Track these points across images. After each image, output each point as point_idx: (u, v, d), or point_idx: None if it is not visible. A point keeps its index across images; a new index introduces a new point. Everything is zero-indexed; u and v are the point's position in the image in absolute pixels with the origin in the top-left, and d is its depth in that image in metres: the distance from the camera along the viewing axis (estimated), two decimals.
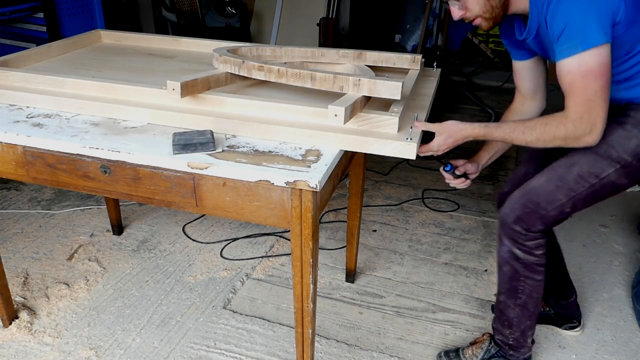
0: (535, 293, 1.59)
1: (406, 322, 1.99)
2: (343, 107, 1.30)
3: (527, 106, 1.67)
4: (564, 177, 1.46)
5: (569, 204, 1.48)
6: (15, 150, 1.44)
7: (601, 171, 1.42)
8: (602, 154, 1.42)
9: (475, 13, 1.39)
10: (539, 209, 1.48)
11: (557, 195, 1.47)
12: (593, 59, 1.24)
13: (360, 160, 1.91)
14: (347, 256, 2.16)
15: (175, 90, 1.38)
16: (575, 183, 1.45)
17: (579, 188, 1.45)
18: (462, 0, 1.38)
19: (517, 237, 1.52)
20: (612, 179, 1.43)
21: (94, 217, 2.64)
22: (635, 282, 2.13)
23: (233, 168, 1.24)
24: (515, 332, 1.65)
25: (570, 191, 1.46)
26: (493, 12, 1.38)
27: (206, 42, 2.07)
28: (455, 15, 1.42)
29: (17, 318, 1.94)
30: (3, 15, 2.94)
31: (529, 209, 1.49)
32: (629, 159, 1.40)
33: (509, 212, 1.53)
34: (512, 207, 1.52)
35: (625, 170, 1.41)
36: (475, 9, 1.38)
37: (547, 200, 1.47)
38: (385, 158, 3.18)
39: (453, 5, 1.40)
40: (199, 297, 2.09)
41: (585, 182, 1.44)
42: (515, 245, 1.53)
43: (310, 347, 1.50)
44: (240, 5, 4.57)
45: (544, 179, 1.50)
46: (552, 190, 1.47)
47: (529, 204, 1.49)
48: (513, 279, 1.58)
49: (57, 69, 1.81)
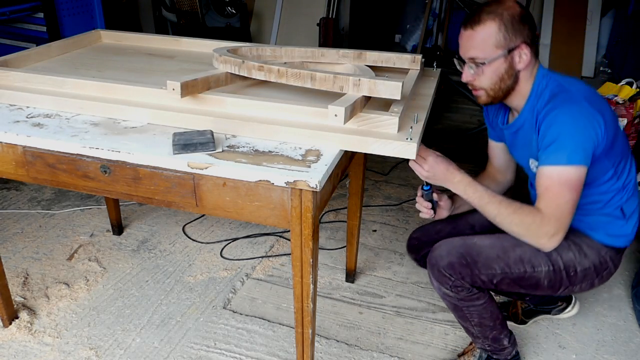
0: (486, 312, 1.56)
1: (406, 322, 1.99)
2: (343, 107, 1.30)
3: (498, 180, 1.75)
4: (507, 251, 1.49)
5: (498, 278, 1.48)
6: (15, 150, 1.44)
7: (538, 264, 1.48)
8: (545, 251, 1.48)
9: (483, 85, 1.43)
10: (473, 267, 1.47)
11: (493, 264, 1.48)
12: (573, 174, 1.32)
13: (360, 160, 1.91)
14: (347, 256, 2.16)
15: (176, 90, 1.38)
16: (514, 263, 1.48)
17: (514, 269, 1.48)
18: (480, 69, 1.39)
19: (445, 280, 1.49)
20: (539, 276, 1.49)
21: (94, 217, 2.64)
22: (635, 282, 2.13)
23: (233, 168, 1.24)
24: (487, 341, 1.65)
25: (506, 267, 1.48)
26: (496, 93, 1.43)
27: (206, 42, 2.07)
28: (465, 77, 1.44)
29: (17, 318, 1.94)
30: (3, 15, 2.94)
31: (465, 262, 1.47)
32: (560, 267, 1.48)
33: (443, 256, 1.49)
34: (449, 252, 1.49)
35: (553, 274, 1.48)
36: (485, 83, 1.42)
37: (483, 264, 1.47)
38: (385, 158, 3.17)
39: (469, 68, 1.41)
40: (199, 297, 2.09)
41: (521, 266, 1.48)
42: (443, 286, 1.50)
43: (310, 347, 1.50)
44: (240, 5, 4.57)
45: (488, 242, 1.52)
46: (492, 258, 1.48)
47: (467, 258, 1.47)
48: (456, 309, 1.56)
49: (57, 69, 1.81)
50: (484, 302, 1.54)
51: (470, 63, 1.40)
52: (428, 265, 1.54)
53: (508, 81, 1.40)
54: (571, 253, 1.49)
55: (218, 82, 1.53)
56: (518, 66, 1.38)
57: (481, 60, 1.37)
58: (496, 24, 1.34)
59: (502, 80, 1.40)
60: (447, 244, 1.53)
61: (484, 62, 1.37)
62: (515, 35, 1.35)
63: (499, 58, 1.36)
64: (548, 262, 1.47)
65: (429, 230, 1.72)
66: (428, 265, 1.54)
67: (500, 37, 1.34)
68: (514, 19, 1.34)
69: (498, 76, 1.39)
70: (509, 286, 1.51)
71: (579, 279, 1.50)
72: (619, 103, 2.92)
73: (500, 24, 1.34)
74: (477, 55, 1.37)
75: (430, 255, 1.53)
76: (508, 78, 1.40)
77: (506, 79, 1.40)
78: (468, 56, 1.40)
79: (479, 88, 1.43)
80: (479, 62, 1.38)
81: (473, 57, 1.39)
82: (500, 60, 1.37)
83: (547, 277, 1.48)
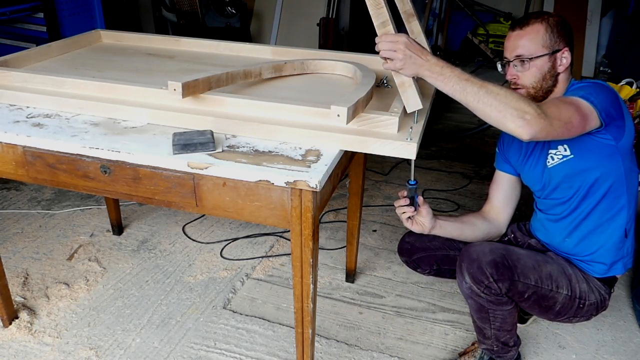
0: (510, 317, 1.56)
1: (406, 322, 1.99)
2: (345, 107, 1.29)
3: (490, 219, 1.72)
4: (540, 264, 1.52)
5: (530, 291, 1.49)
6: (15, 150, 1.44)
7: (561, 285, 1.52)
8: (567, 274, 1.54)
9: (525, 83, 1.48)
10: (513, 271, 1.46)
11: (529, 274, 1.48)
12: (586, 107, 1.36)
13: (360, 160, 1.91)
14: (347, 256, 2.16)
15: (177, 90, 1.37)
16: (545, 277, 1.50)
17: (545, 283, 1.50)
18: (525, 66, 1.46)
19: (481, 279, 1.45)
20: (558, 298, 1.52)
21: (94, 217, 2.64)
22: (635, 282, 2.13)
23: (233, 168, 1.24)
24: (497, 343, 1.64)
25: (539, 280, 1.49)
26: (537, 92, 1.49)
27: (206, 42, 2.07)
28: (509, 74, 1.50)
29: (17, 318, 1.94)
30: (3, 15, 2.94)
31: (507, 264, 1.46)
32: (576, 295, 1.52)
33: (486, 252, 1.47)
34: (492, 251, 1.48)
35: (568, 300, 1.52)
36: (528, 81, 1.48)
37: (521, 271, 1.48)
38: (385, 158, 3.17)
39: (514, 66, 1.48)
40: (199, 297, 2.09)
41: (550, 283, 1.50)
42: (477, 285, 1.47)
43: (310, 347, 1.50)
44: (240, 5, 4.57)
45: (524, 252, 1.54)
46: (529, 267, 1.49)
47: (508, 260, 1.47)
48: (481, 310, 1.54)
49: (57, 69, 1.81)
50: (511, 308, 1.54)
51: (516, 61, 1.47)
52: (465, 260, 1.48)
53: (549, 81, 1.48)
54: (585, 285, 1.55)
55: (219, 82, 1.53)
56: (559, 68, 1.47)
57: (528, 56, 1.45)
58: (543, 27, 1.45)
59: (544, 79, 1.47)
60: (486, 244, 1.52)
61: (531, 58, 1.45)
62: (559, 38, 1.46)
63: (544, 56, 1.45)
64: (569, 286, 1.52)
65: (422, 236, 1.67)
66: (465, 260, 1.48)
67: (546, 38, 1.45)
68: (558, 24, 1.46)
69: (541, 74, 1.47)
70: (533, 303, 1.51)
71: (582, 312, 1.56)
72: None
73: (547, 26, 1.45)
74: (524, 53, 1.46)
75: (469, 250, 1.50)
76: (550, 78, 1.48)
77: (548, 79, 1.48)
78: (515, 54, 1.47)
79: (521, 86, 1.49)
80: (525, 59, 1.46)
81: (520, 55, 1.46)
82: (545, 58, 1.45)
83: (563, 301, 1.52)
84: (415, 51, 1.27)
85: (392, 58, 1.28)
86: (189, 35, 3.49)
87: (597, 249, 1.55)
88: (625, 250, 1.58)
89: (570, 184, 1.51)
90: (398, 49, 1.27)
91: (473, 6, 5.44)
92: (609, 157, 1.45)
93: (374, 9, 1.29)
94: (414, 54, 1.27)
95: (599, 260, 1.56)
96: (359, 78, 1.59)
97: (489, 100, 1.25)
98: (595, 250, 1.56)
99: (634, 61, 4.28)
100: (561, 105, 1.33)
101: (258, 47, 2.00)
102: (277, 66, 1.70)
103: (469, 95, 1.26)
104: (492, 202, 1.73)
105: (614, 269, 1.57)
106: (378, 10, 1.29)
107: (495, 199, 1.73)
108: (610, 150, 1.44)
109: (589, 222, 1.54)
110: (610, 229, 1.53)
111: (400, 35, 1.28)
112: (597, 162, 1.46)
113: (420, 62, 1.27)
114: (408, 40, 1.27)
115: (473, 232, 1.67)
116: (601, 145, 1.43)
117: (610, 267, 1.56)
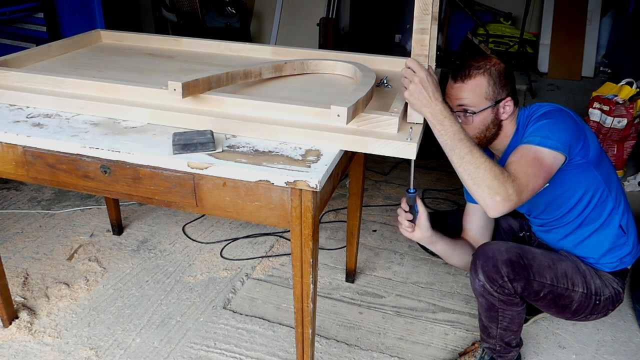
0: (518, 318, 1.56)
1: (406, 322, 1.99)
2: (346, 107, 1.29)
3: (470, 246, 1.70)
4: (555, 263, 1.52)
5: (546, 290, 1.49)
6: (15, 150, 1.44)
7: (576, 284, 1.52)
8: (581, 271, 1.55)
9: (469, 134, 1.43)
10: (529, 270, 1.47)
11: (545, 273, 1.49)
12: (549, 157, 1.38)
13: (360, 160, 1.91)
14: (347, 256, 2.16)
15: (177, 90, 1.37)
16: (561, 276, 1.51)
17: (561, 281, 1.50)
18: (469, 118, 1.48)
19: (496, 277, 1.45)
20: (574, 297, 1.52)
21: (94, 217, 2.64)
22: (635, 282, 2.13)
23: (233, 168, 1.24)
24: (500, 343, 1.64)
25: (554, 278, 1.50)
26: (481, 141, 1.52)
27: (206, 42, 2.07)
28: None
29: (17, 318, 1.94)
30: (3, 15, 2.94)
31: (523, 263, 1.46)
32: (592, 292, 1.53)
33: (502, 251, 1.46)
34: (508, 249, 1.47)
35: (584, 298, 1.53)
36: (472, 132, 1.49)
37: (537, 270, 1.48)
38: (385, 158, 3.17)
39: (457, 117, 1.48)
40: (199, 297, 2.09)
41: (565, 281, 1.51)
42: (491, 283, 1.47)
43: (310, 347, 1.50)
44: (240, 5, 4.58)
45: (539, 251, 1.54)
46: (544, 266, 1.50)
47: (524, 259, 1.47)
48: (491, 309, 1.54)
49: (57, 69, 1.81)
50: (521, 309, 1.54)
51: (459, 112, 1.48)
52: (481, 258, 1.48)
53: (492, 130, 1.51)
54: (598, 280, 1.56)
55: (219, 82, 1.53)
56: (502, 116, 1.50)
57: (471, 110, 1.47)
58: (485, 79, 1.46)
59: (487, 129, 1.50)
60: (501, 242, 1.52)
61: (474, 112, 1.47)
62: (502, 88, 1.47)
63: (487, 109, 1.47)
64: (584, 284, 1.53)
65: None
66: (481, 258, 1.48)
67: (489, 90, 1.46)
68: (500, 75, 1.47)
69: (485, 125, 1.50)
70: (549, 302, 1.51)
71: (599, 309, 1.56)
72: (619, 103, 2.91)
73: (489, 78, 1.46)
74: (467, 104, 1.47)
75: (485, 248, 1.50)
76: (493, 127, 1.51)
77: (491, 128, 1.51)
78: (458, 104, 1.48)
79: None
80: (469, 112, 1.47)
81: (463, 105, 1.47)
82: (488, 111, 1.48)
83: (579, 299, 1.53)
84: (427, 90, 1.31)
85: (405, 85, 1.34)
86: (189, 35, 3.50)
87: (596, 251, 1.57)
88: (632, 242, 1.59)
89: (555, 207, 1.56)
90: (413, 80, 1.32)
91: (473, 6, 5.44)
92: (584, 173, 1.48)
93: (420, 13, 1.29)
94: (425, 93, 1.31)
95: (603, 261, 1.58)
96: (359, 78, 1.59)
97: (469, 168, 1.30)
98: (595, 252, 1.58)
99: (634, 61, 4.29)
100: (528, 169, 1.34)
101: (258, 47, 2.00)
102: (277, 66, 1.70)
103: (455, 157, 1.32)
104: (469, 234, 1.72)
105: (623, 262, 1.58)
106: (424, 15, 1.29)
107: (470, 230, 1.72)
108: (583, 167, 1.47)
109: (581, 231, 1.57)
110: (605, 232, 1.56)
111: (422, 69, 1.31)
112: (575, 182, 1.49)
113: (427, 102, 1.32)
114: (426, 76, 1.31)
115: (460, 259, 1.67)
116: (573, 167, 1.46)
117: (619, 261, 1.57)
